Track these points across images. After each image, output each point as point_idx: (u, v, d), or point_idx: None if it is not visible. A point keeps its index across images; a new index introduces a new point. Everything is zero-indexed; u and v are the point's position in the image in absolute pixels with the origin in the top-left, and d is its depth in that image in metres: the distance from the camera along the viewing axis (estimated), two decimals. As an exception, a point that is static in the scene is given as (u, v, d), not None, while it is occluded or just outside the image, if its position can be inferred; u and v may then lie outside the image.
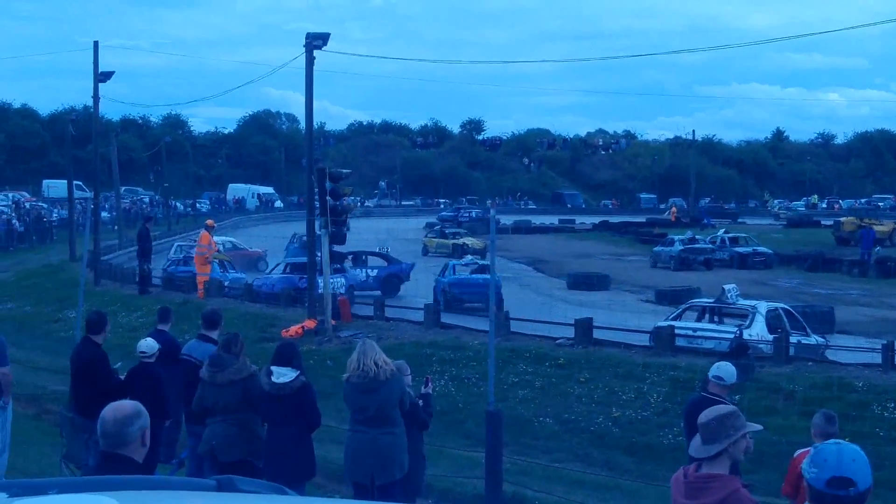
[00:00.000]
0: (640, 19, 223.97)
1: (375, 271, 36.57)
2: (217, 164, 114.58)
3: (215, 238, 34.48)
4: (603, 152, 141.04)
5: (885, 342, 20.01)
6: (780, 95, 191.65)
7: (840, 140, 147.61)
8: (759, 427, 5.48)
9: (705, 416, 5.16)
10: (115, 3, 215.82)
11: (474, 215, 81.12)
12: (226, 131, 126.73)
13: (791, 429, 15.25)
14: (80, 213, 49.24)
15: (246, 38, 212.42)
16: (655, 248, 52.63)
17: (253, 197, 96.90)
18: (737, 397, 13.93)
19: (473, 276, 32.45)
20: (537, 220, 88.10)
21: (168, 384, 11.60)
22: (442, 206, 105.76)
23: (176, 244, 44.74)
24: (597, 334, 21.92)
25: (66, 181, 52.72)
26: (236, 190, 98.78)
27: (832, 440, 4.02)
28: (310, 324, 24.14)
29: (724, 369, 9.51)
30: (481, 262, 34.94)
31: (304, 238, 55.10)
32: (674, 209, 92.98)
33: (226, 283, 32.23)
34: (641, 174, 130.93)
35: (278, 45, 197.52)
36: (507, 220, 75.96)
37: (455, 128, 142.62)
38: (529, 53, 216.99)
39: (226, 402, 9.62)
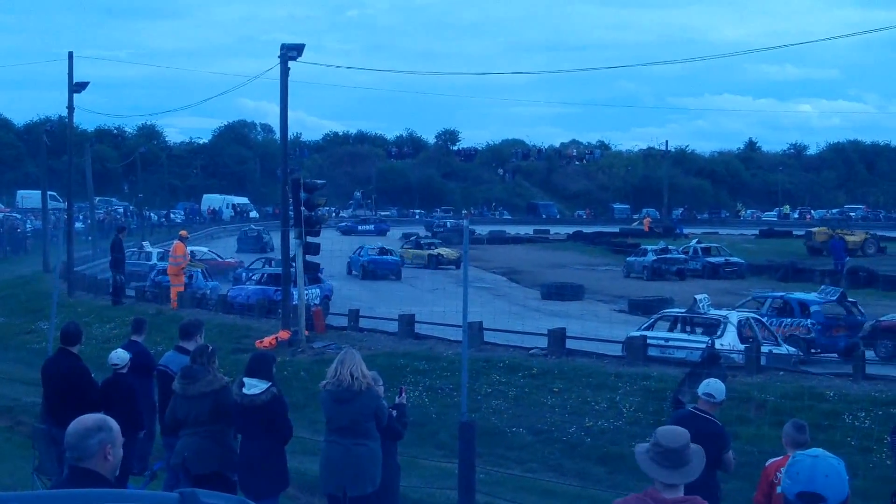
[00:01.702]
0: (616, 31, 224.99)
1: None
2: (192, 175, 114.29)
3: (191, 248, 34.49)
4: (577, 163, 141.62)
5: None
6: (752, 106, 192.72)
7: (812, 151, 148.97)
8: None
9: (676, 440, 4.93)
10: (92, 14, 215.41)
11: (449, 225, 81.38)
12: (201, 141, 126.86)
13: (762, 438, 15.38)
14: (54, 223, 49.04)
15: (223, 49, 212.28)
16: (629, 259, 52.82)
17: (228, 207, 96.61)
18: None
19: (380, 256, 49.92)
20: (512, 230, 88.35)
21: (141, 395, 11.59)
22: (417, 216, 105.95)
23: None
24: (570, 344, 22.02)
25: (40, 192, 52.51)
26: (211, 200, 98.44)
27: (811, 451, 4.00)
28: (284, 335, 24.08)
29: (714, 387, 9.47)
30: (384, 248, 52.53)
31: (248, 232, 57.26)
32: (647, 219, 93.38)
33: (207, 292, 32.18)
34: (615, 185, 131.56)
35: (255, 56, 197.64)
36: (481, 230, 76.19)
37: (430, 138, 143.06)
38: (505, 65, 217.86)
39: (197, 415, 9.61)
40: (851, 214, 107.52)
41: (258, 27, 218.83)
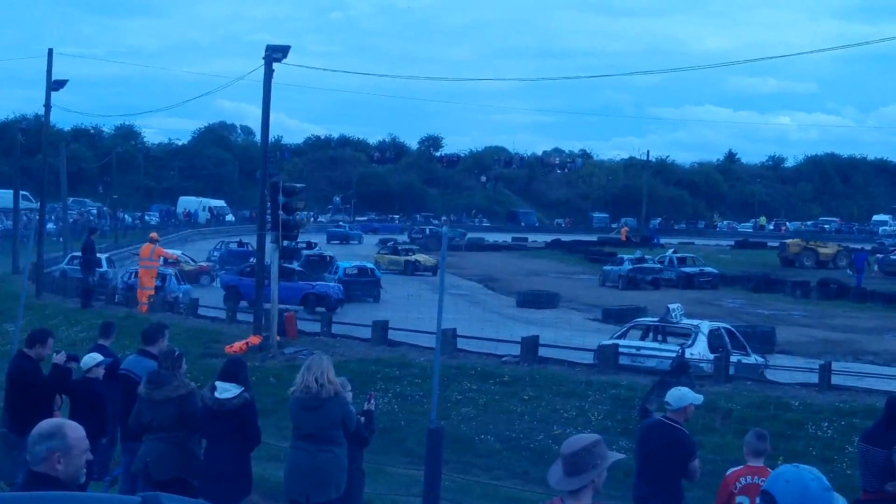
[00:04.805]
0: (599, 40, 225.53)
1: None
2: (169, 176, 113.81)
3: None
4: (559, 171, 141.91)
5: (823, 362, 20.40)
6: (732, 118, 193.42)
7: (790, 163, 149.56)
8: (621, 456, 5.09)
9: (570, 446, 4.83)
10: (69, 10, 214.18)
11: (428, 232, 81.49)
12: (179, 143, 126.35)
13: (727, 447, 15.46)
14: (25, 224, 48.82)
15: (204, 49, 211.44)
16: (605, 267, 53.08)
17: (204, 210, 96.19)
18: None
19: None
20: (491, 237, 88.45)
21: (109, 401, 11.52)
22: (396, 221, 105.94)
23: (70, 254, 43.94)
24: (542, 352, 22.11)
25: (11, 191, 52.24)
26: (187, 203, 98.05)
27: (790, 466, 3.97)
28: (254, 340, 23.98)
29: (679, 394, 9.39)
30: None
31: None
32: (624, 229, 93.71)
33: (179, 296, 32.02)
34: (595, 193, 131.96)
35: (237, 56, 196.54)
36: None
37: (413, 144, 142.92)
38: (490, 71, 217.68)
39: (162, 420, 9.56)
40: (825, 227, 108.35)
41: (240, 28, 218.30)
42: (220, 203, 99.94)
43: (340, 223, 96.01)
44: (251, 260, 44.03)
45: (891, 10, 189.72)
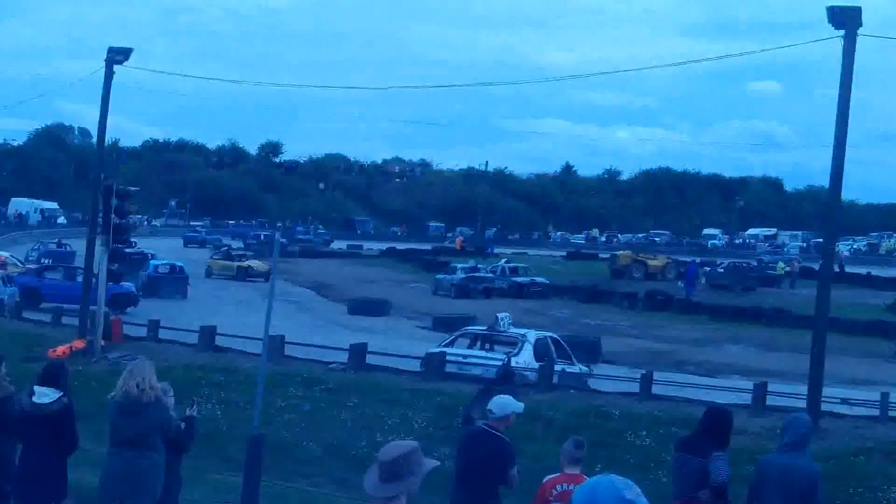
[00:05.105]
0: (447, 51, 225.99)
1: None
2: (1, 177, 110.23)
3: None
4: (398, 180, 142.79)
5: (644, 372, 21.04)
6: (572, 131, 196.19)
7: (625, 176, 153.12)
8: (437, 463, 5.00)
9: (387, 453, 4.78)
10: None
11: (263, 237, 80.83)
12: (15, 143, 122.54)
13: (546, 455, 15.77)
14: None
15: (50, 50, 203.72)
16: (437, 276, 53.51)
17: (36, 212, 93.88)
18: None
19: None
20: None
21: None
22: (231, 227, 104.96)
23: None
24: (370, 359, 22.26)
25: None
26: (18, 204, 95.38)
27: (597, 477, 4.06)
28: (79, 344, 23.58)
29: (502, 402, 9.50)
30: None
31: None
32: (459, 238, 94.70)
33: (4, 298, 31.21)
34: (433, 202, 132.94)
35: (84, 58, 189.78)
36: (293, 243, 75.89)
37: (253, 149, 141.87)
38: (336, 79, 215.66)
39: (-23, 424, 9.36)
40: (656, 239, 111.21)
41: (87, 29, 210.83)
42: (53, 205, 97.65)
43: (198, 228, 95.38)
44: (42, 261, 43.93)
45: (739, 28, 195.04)
